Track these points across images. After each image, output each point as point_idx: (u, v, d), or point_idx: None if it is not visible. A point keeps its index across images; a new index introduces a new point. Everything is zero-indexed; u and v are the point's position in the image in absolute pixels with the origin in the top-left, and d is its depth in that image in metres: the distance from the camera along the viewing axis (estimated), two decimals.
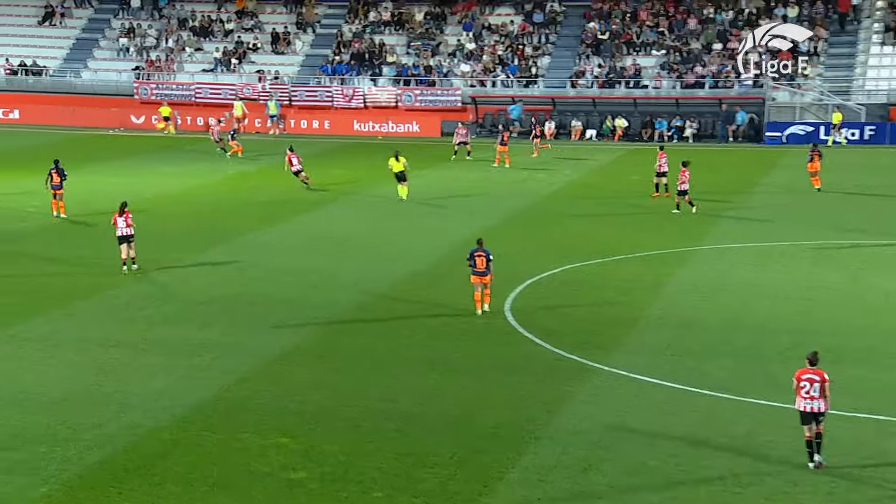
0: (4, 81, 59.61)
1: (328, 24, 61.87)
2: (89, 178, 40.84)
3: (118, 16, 63.45)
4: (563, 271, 26.98)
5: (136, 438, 16.55)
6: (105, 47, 61.93)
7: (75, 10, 64.05)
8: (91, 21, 63.58)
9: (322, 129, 55.80)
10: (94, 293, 24.61)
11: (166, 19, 62.82)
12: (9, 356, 20.17)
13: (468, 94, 55.50)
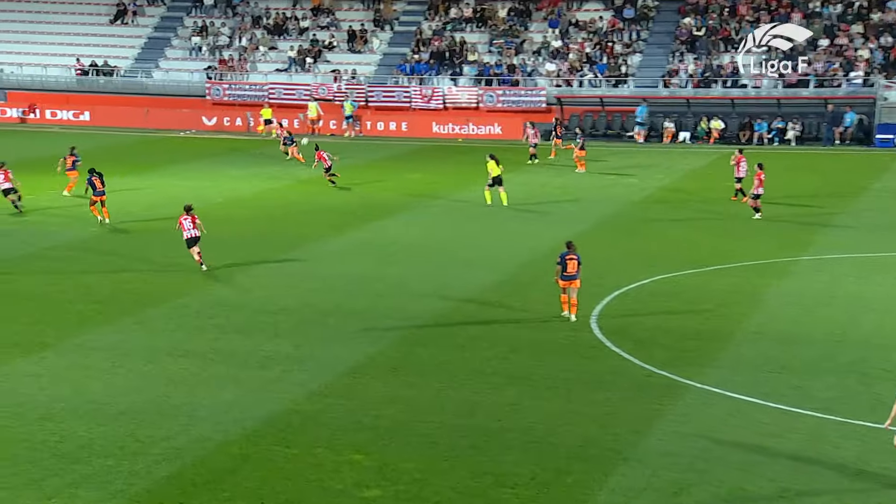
0: (75, 82, 61.04)
1: (407, 21, 62.20)
2: (159, 181, 41.61)
3: (191, 14, 64.57)
4: (654, 282, 26.70)
5: (204, 452, 16.75)
6: (177, 46, 63.07)
7: (147, 9, 65.33)
8: (163, 19, 64.80)
9: (399, 132, 56.09)
10: (163, 301, 25.02)
11: (240, 17, 63.77)
12: (76, 365, 20.59)
13: (553, 94, 55.33)
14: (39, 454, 16.47)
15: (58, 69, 61.63)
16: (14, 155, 43.78)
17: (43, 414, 18.02)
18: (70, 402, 18.67)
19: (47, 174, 40.86)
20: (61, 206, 36.24)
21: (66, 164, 37.74)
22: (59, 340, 21.96)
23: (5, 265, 28.17)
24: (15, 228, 32.37)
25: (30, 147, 50.34)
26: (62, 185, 38.68)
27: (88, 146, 48.78)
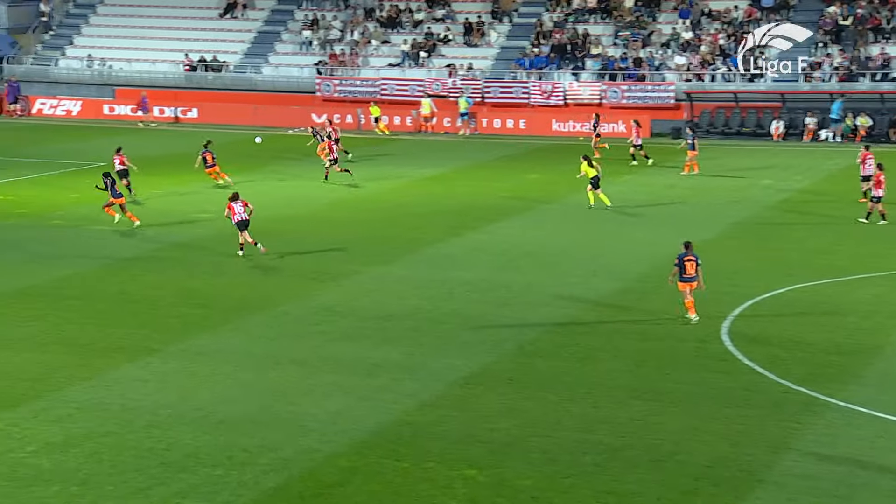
0: (183, 78, 62.52)
1: (526, 12, 62.17)
2: (266, 181, 42.36)
3: (302, 7, 65.56)
4: (791, 291, 26.20)
5: (312, 464, 17.02)
6: (287, 41, 64.10)
7: (258, 2, 66.56)
8: (273, 13, 65.91)
9: (517, 129, 56.02)
10: (267, 306, 25.48)
11: (352, 10, 64.54)
12: (182, 371, 21.11)
13: (682, 89, 54.69)
14: (146, 462, 16.94)
15: (166, 65, 63.25)
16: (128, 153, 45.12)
17: (150, 421, 18.54)
18: (176, 408, 19.16)
19: (157, 174, 42.00)
20: (167, 208, 37.14)
21: (207, 160, 38.80)
22: (163, 345, 22.55)
23: (114, 267, 29.00)
24: (121, 229, 33.30)
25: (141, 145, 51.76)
26: (165, 184, 39.68)
27: (196, 144, 49.95)
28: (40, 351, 22.04)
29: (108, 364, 21.31)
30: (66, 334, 23.16)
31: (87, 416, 18.73)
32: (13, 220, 34.61)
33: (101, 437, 17.84)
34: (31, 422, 18.41)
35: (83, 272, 28.29)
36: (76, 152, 47.93)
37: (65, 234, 32.83)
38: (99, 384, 20.25)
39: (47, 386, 20.07)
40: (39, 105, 62.56)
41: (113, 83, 63.04)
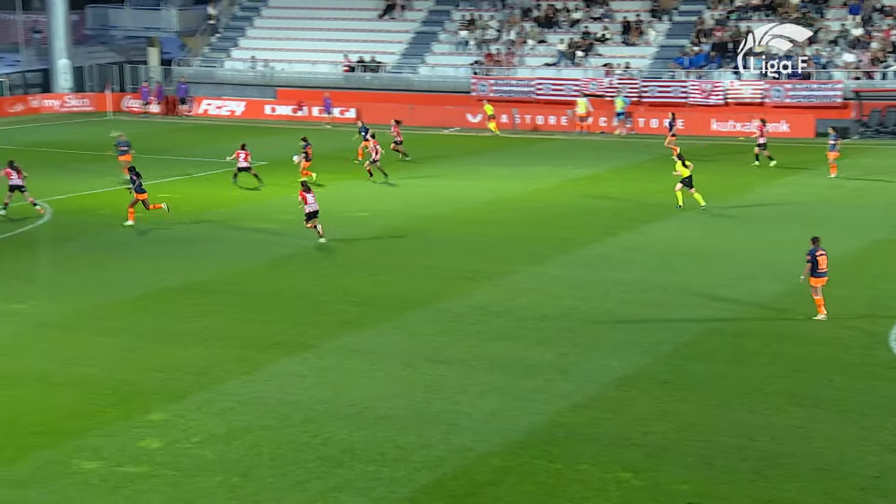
0: (342, 79, 63.61)
1: (687, 10, 61.26)
2: (421, 180, 42.75)
3: (459, 7, 65.97)
4: None
5: (466, 462, 17.09)
6: (444, 41, 64.58)
7: (416, 3, 67.26)
8: (431, 13, 66.50)
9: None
10: (424, 304, 25.70)
11: (509, 10, 64.63)
12: (337, 367, 21.46)
13: (850, 88, 53.06)
14: (304, 456, 17.28)
15: (326, 66, 64.45)
16: (282, 153, 46.15)
17: (306, 416, 18.89)
18: (332, 404, 19.49)
19: (315, 172, 42.83)
20: (325, 207, 37.79)
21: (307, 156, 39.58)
22: (320, 341, 22.95)
23: (273, 264, 29.68)
24: (280, 227, 34.06)
25: (294, 146, 52.89)
26: (322, 182, 40.40)
27: (355, 144, 50.76)
28: (204, 345, 22.69)
29: (267, 359, 21.81)
30: (226, 329, 23.79)
31: (247, 409, 19.20)
32: (179, 217, 35.71)
33: (261, 430, 18.27)
34: (195, 414, 18.96)
35: (244, 269, 29.01)
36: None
37: (227, 230, 33.72)
38: (258, 378, 20.74)
39: (210, 379, 20.65)
40: (205, 105, 64.50)
41: (274, 84, 64.54)
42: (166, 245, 31.89)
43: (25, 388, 20.00)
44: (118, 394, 19.82)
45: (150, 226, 33.97)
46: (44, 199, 37.52)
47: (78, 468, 16.72)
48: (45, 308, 25.19)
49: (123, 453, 17.29)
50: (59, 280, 27.84)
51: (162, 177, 41.93)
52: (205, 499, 15.83)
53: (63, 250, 31.27)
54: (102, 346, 22.56)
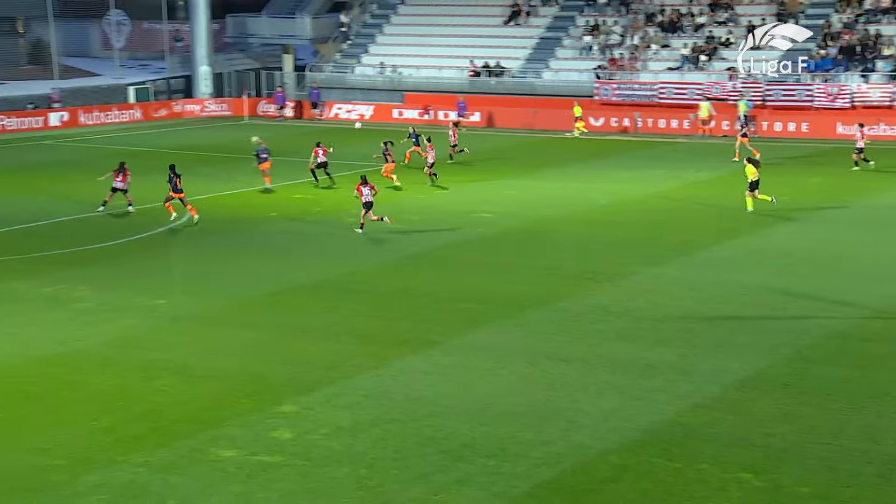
0: (468, 84, 63.88)
1: (814, 14, 59.90)
2: (544, 182, 42.69)
3: (583, 13, 65.69)
4: None
5: (584, 459, 17.03)
6: (568, 46, 64.35)
7: (541, 9, 67.17)
8: (556, 19, 66.34)
9: (799, 133, 54.16)
10: (544, 303, 25.66)
11: (633, 15, 64.08)
12: (461, 364, 21.57)
13: None
14: (427, 449, 17.42)
15: (452, 71, 64.81)
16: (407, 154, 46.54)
17: (431, 411, 19.04)
18: (455, 400, 19.60)
19: (441, 174, 43.12)
20: (450, 208, 38.00)
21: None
22: (445, 338, 23.09)
23: (399, 263, 29.97)
24: (406, 227, 34.36)
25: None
26: (447, 183, 40.57)
27: (479, 146, 50.96)
28: (333, 341, 23.02)
29: (393, 355, 22.03)
30: (355, 326, 24.10)
31: (373, 403, 19.43)
32: (310, 217, 36.31)
33: (387, 423, 18.48)
34: (324, 406, 19.27)
35: (371, 268, 29.35)
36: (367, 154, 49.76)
37: (354, 231, 34.13)
38: (385, 374, 20.96)
39: (339, 373, 20.95)
40: (336, 109, 65.42)
41: (402, 89, 65.12)
42: (298, 244, 32.44)
43: (167, 380, 20.57)
44: (252, 386, 20.26)
45: (285, 225, 34.58)
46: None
47: (215, 456, 17.15)
48: (184, 303, 25.86)
49: (257, 443, 17.66)
50: (198, 276, 28.56)
51: (292, 178, 42.65)
52: (333, 489, 16.08)
53: (201, 248, 32.05)
54: (238, 340, 23.07)
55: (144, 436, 17.93)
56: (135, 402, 19.48)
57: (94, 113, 62.64)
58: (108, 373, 20.95)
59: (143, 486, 16.08)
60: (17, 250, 31.16)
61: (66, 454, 17.16)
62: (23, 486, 16.06)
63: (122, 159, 38.10)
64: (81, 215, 36.24)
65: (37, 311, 25.05)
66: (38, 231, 34.03)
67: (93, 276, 28.11)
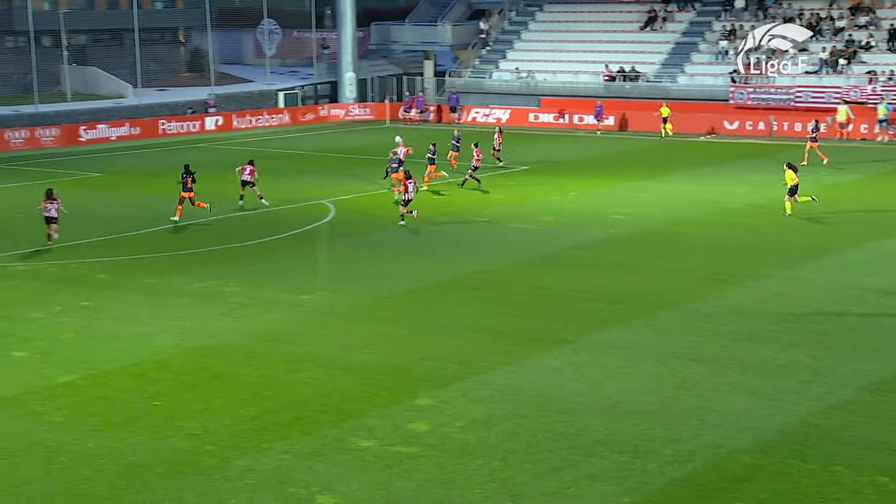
0: (603, 88, 63.37)
1: None
2: (677, 185, 42.05)
3: (720, 17, 64.51)
4: None
5: (716, 458, 16.71)
6: (703, 51, 63.28)
7: (677, 14, 66.25)
8: (692, 24, 65.33)
9: None
10: (675, 304, 25.27)
11: (771, 19, 62.63)
12: (593, 362, 21.39)
13: None
14: (559, 444, 17.32)
15: (587, 76, 64.37)
16: (545, 157, 46.37)
17: (562, 407, 18.93)
18: (587, 397, 19.45)
19: (577, 175, 42.91)
20: (583, 209, 37.74)
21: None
22: (576, 337, 22.93)
23: (531, 263, 29.89)
24: (539, 228, 34.25)
25: (555, 151, 53.11)
26: (582, 185, 40.27)
27: (611, 150, 50.53)
28: (466, 337, 23.08)
29: (525, 352, 21.98)
30: (488, 323, 24.11)
31: (506, 398, 19.41)
32: (444, 217, 36.49)
33: (519, 418, 18.43)
34: (459, 400, 19.33)
35: (503, 267, 29.33)
36: (503, 157, 49.79)
37: (489, 231, 34.20)
38: (517, 370, 20.92)
39: (472, 369, 20.99)
40: (474, 114, 65.62)
41: (538, 93, 64.94)
42: (436, 243, 32.63)
43: (311, 372, 20.91)
44: (391, 379, 20.45)
45: (420, 226, 34.86)
46: (328, 200, 39.16)
47: (356, 445, 17.37)
48: (327, 299, 26.26)
49: (395, 434, 17.82)
50: (341, 273, 28.97)
51: (432, 178, 42.87)
52: (466, 480, 16.12)
53: (344, 246, 32.52)
54: (378, 334, 23.32)
55: (289, 424, 18.26)
56: (280, 392, 19.86)
57: (246, 117, 64.17)
58: (256, 364, 21.42)
59: (288, 473, 16.39)
60: (174, 247, 32.12)
61: (216, 440, 17.60)
62: (177, 469, 16.53)
63: (252, 158, 38.87)
64: (233, 214, 37.15)
65: (191, 304, 25.76)
66: (193, 229, 35.01)
67: (242, 272, 28.78)
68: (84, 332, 23.58)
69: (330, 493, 15.72)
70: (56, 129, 56.58)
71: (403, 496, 15.60)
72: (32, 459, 16.89)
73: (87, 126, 57.75)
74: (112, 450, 17.19)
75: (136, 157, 52.92)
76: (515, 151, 49.49)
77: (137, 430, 18.02)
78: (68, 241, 32.46)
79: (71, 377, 20.65)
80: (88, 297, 26.33)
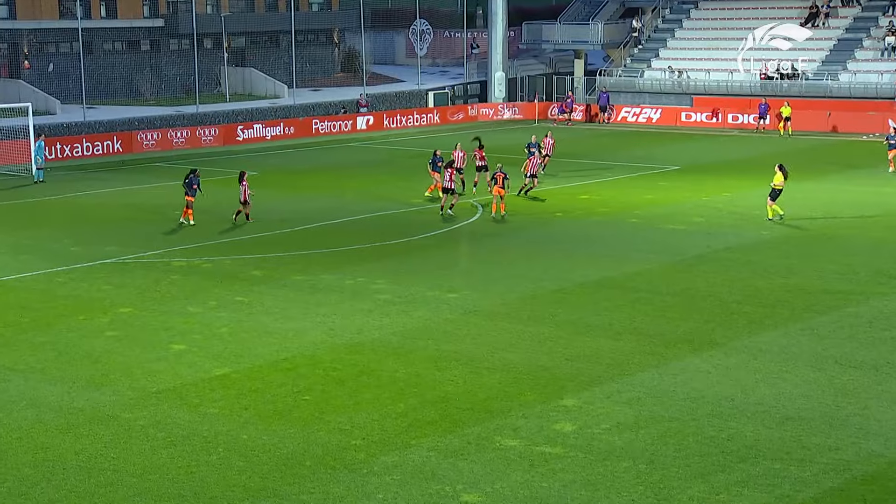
0: (759, 87, 61.93)
1: None
2: (839, 185, 40.84)
3: (887, 13, 62.37)
4: None
5: (875, 468, 16.15)
6: (868, 47, 61.27)
7: (841, 10, 64.31)
8: (856, 20, 63.33)
9: None
10: (834, 308, 24.53)
11: None
12: (744, 366, 20.93)
13: None
14: (708, 449, 17.02)
15: (742, 74, 63.00)
16: (699, 158, 45.59)
17: (712, 411, 18.59)
18: (738, 401, 19.05)
19: (729, 176, 42.05)
20: (735, 210, 36.98)
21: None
22: (728, 340, 22.48)
23: (682, 264, 29.43)
24: (690, 229, 33.72)
25: (708, 151, 52.19)
26: (735, 186, 39.47)
27: (767, 150, 49.32)
28: (614, 338, 22.88)
29: (674, 354, 21.67)
30: (636, 324, 23.85)
31: (654, 400, 19.17)
32: (595, 217, 36.24)
33: (668, 421, 18.18)
34: (604, 402, 19.18)
35: (653, 268, 28.96)
36: (653, 157, 49.23)
37: (639, 231, 33.81)
38: (665, 372, 20.64)
39: (620, 370, 20.80)
40: (624, 113, 65.01)
41: (691, 92, 63.94)
42: (585, 243, 32.43)
43: (457, 370, 21.04)
44: (536, 379, 20.42)
45: (569, 226, 34.68)
46: (475, 199, 39.34)
47: (500, 444, 17.40)
48: (473, 298, 26.38)
49: (540, 434, 17.79)
50: (487, 273, 29.06)
51: (582, 178, 42.69)
52: (613, 482, 15.98)
53: (491, 245, 32.61)
54: (524, 334, 23.31)
55: (435, 422, 18.42)
56: (426, 389, 20.05)
57: (397, 116, 64.99)
58: (402, 361, 21.68)
59: (433, 470, 16.53)
60: (326, 244, 32.76)
61: (363, 435, 17.88)
62: (326, 463, 16.86)
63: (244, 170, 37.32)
64: (383, 212, 37.68)
65: (341, 301, 26.23)
66: (343, 226, 35.65)
67: (391, 270, 29.15)
68: (238, 326, 24.27)
69: (474, 491, 15.80)
70: (215, 129, 58.40)
71: (548, 496, 15.56)
72: (191, 448, 17.47)
73: (244, 126, 59.42)
74: (264, 442, 17.65)
75: (289, 155, 54.19)
76: (671, 151, 48.72)
77: (288, 424, 18.45)
78: (224, 238, 33.48)
79: (225, 370, 21.28)
80: (243, 293, 27.09)
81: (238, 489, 15.99)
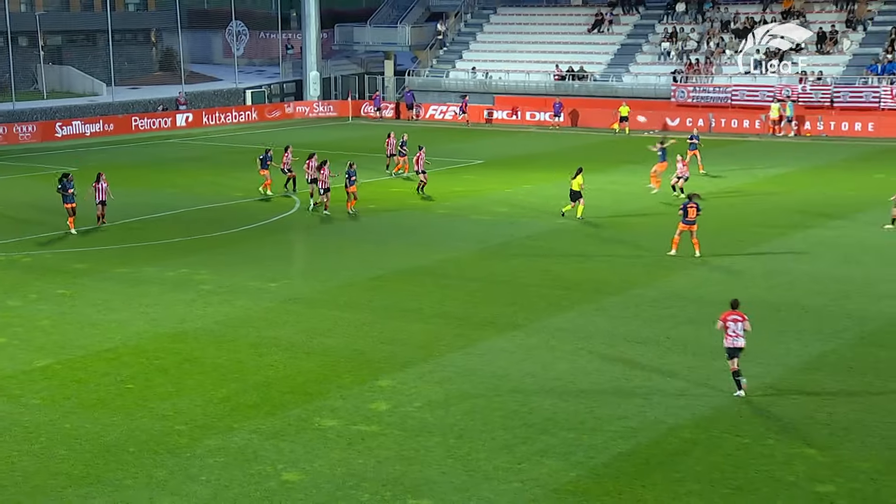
0: (553, 87, 63.56)
1: (882, 21, 58.42)
2: (622, 177, 42.22)
3: (662, 21, 64.93)
4: None
5: (657, 434, 16.86)
6: (647, 52, 63.64)
7: (622, 17, 66.58)
8: (636, 27, 65.68)
9: (865, 132, 52.90)
10: (622, 290, 25.43)
11: (709, 22, 63.11)
12: (544, 345, 21.49)
13: None
14: (512, 422, 17.41)
15: (538, 75, 64.50)
16: (496, 152, 46.33)
17: (515, 387, 19.02)
18: (538, 377, 19.54)
19: (524, 170, 42.90)
20: (531, 202, 37.84)
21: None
22: (529, 321, 23.02)
23: (486, 252, 29.93)
24: (493, 219, 34.31)
25: (509, 146, 53.20)
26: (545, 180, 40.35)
27: (564, 145, 50.60)
28: (425, 322, 23.10)
29: (480, 335, 22.04)
30: (446, 308, 24.15)
31: (462, 379, 19.47)
32: (407, 209, 36.45)
33: (475, 398, 18.50)
34: (417, 382, 19.35)
35: (461, 255, 29.36)
36: (459, 151, 49.86)
37: (448, 221, 34.21)
38: (473, 353, 20.98)
39: (431, 352, 21.02)
40: (432, 111, 65.55)
41: (492, 91, 64.99)
42: (398, 234, 32.60)
43: (278, 356, 20.84)
44: (353, 362, 20.43)
45: (383, 217, 34.77)
46: (294, 194, 38.95)
47: (319, 425, 17.35)
48: (293, 286, 26.17)
49: (357, 413, 17.82)
50: (306, 262, 28.87)
51: (387, 174, 42.86)
52: (425, 456, 16.15)
53: (310, 236, 32.40)
54: (341, 320, 23.27)
55: (257, 405, 18.21)
56: (248, 375, 19.79)
57: (215, 114, 63.67)
58: (224, 348, 21.32)
59: (255, 451, 16.34)
60: (149, 237, 31.85)
61: (186, 420, 17.51)
62: (149, 448, 16.43)
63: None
64: (205, 206, 36.88)
65: (163, 292, 25.57)
66: (165, 220, 34.73)
67: (213, 262, 28.60)
68: (60, 318, 23.35)
69: (294, 469, 15.70)
70: (33, 126, 55.86)
71: (364, 472, 15.61)
72: (12, 439, 16.72)
73: (62, 122, 57.07)
74: (87, 430, 17.06)
75: (110, 152, 52.35)
76: (472, 147, 49.39)
77: (112, 412, 17.89)
78: (44, 233, 32.09)
79: (48, 361, 20.46)
80: (65, 286, 26.06)
81: (61, 477, 15.42)
